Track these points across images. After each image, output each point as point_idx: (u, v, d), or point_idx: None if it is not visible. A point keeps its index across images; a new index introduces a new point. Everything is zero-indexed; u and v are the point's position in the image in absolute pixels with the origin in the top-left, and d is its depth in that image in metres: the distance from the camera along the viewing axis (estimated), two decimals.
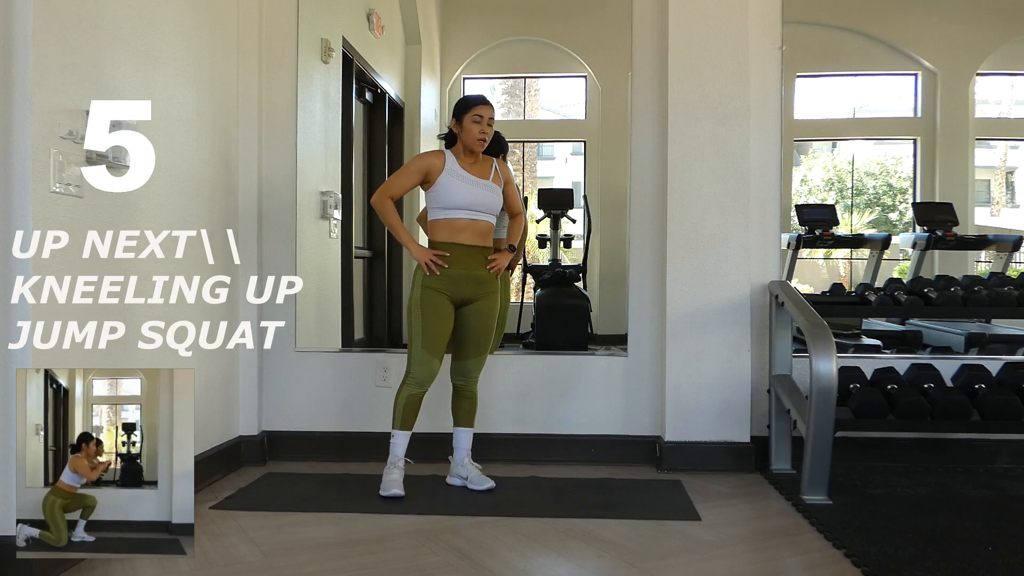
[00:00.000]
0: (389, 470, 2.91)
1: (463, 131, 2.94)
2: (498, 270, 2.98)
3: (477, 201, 2.92)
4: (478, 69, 8.26)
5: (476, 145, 2.94)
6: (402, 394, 2.91)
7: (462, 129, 2.94)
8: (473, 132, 2.92)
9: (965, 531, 2.45)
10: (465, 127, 2.93)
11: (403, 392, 2.91)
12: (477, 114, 2.92)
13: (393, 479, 2.88)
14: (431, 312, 2.88)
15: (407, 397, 2.90)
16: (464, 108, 2.95)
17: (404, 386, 2.91)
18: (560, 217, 6.42)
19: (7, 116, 2.03)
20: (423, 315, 2.88)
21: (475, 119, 2.91)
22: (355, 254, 5.13)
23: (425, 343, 2.88)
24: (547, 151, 13.72)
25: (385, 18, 6.02)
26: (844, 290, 3.66)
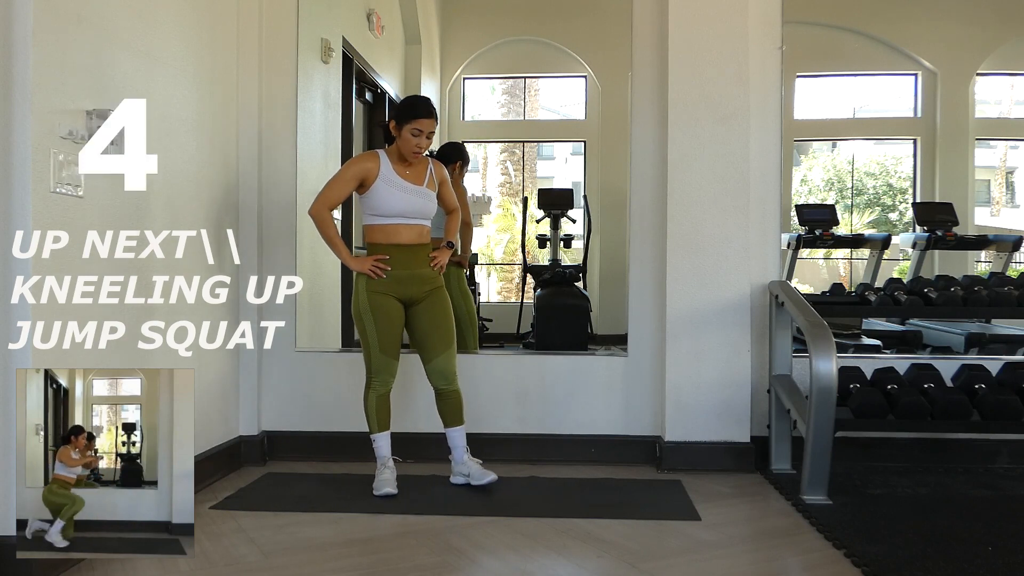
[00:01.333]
0: (380, 471, 2.94)
1: (400, 139, 2.87)
2: (440, 267, 3.00)
3: (410, 209, 2.91)
4: (478, 69, 8.27)
5: (411, 157, 2.91)
6: (370, 399, 2.92)
7: (400, 136, 2.87)
8: (410, 144, 2.86)
9: (965, 531, 2.45)
10: (403, 136, 2.86)
11: (370, 396, 2.92)
12: (417, 127, 2.84)
13: (385, 478, 2.90)
14: (381, 315, 2.88)
15: (376, 400, 2.92)
16: (406, 116, 2.85)
17: (370, 390, 2.92)
18: (560, 217, 6.42)
19: (7, 116, 2.03)
20: (374, 319, 2.88)
21: (414, 132, 2.85)
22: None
23: (382, 347, 2.89)
24: (547, 151, 13.74)
25: (385, 18, 6.02)
26: (844, 290, 3.66)
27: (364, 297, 2.89)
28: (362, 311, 2.90)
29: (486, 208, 8.73)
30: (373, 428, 2.94)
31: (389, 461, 2.95)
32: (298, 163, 3.53)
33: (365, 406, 2.94)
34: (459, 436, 3.01)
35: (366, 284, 2.90)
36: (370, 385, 2.93)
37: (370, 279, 2.89)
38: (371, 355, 2.90)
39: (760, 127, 3.35)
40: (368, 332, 2.89)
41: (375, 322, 2.89)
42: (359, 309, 2.91)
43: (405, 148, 2.89)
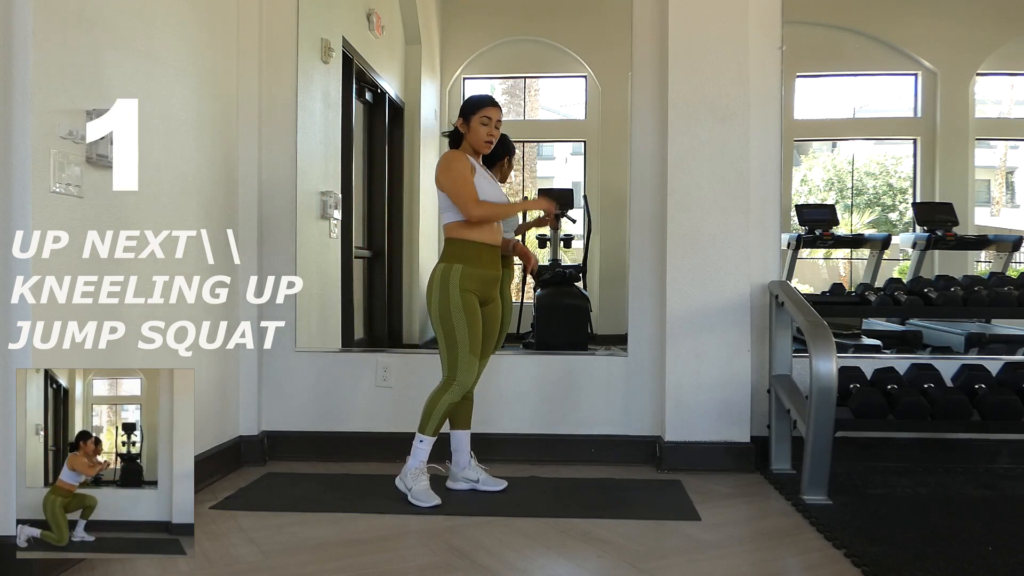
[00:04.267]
0: (418, 478, 2.81)
1: (470, 132, 2.89)
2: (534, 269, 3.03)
3: (500, 202, 2.92)
4: (478, 69, 8.26)
5: (483, 147, 2.91)
6: (443, 401, 2.80)
7: (469, 130, 2.89)
8: (481, 134, 2.88)
9: (965, 531, 2.45)
10: (473, 128, 2.88)
11: (445, 399, 2.80)
12: (486, 116, 2.87)
13: (426, 487, 2.80)
14: (472, 315, 2.80)
15: (449, 405, 2.81)
16: (472, 109, 2.88)
17: (447, 393, 2.80)
18: (560, 217, 6.41)
19: (7, 116, 2.03)
20: (467, 318, 2.78)
21: (483, 121, 2.87)
22: (355, 254, 5.13)
23: (472, 347, 2.79)
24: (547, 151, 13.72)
25: (385, 18, 6.02)
26: (844, 290, 3.66)
27: (458, 295, 2.77)
28: (453, 309, 2.77)
29: None
30: (429, 430, 2.81)
31: (425, 466, 2.84)
32: (298, 163, 3.53)
33: (434, 405, 2.81)
34: (468, 440, 2.97)
35: (460, 281, 2.78)
36: (449, 388, 2.80)
37: (464, 277, 2.78)
38: (459, 355, 2.78)
39: (760, 127, 3.35)
40: (459, 331, 2.77)
41: (467, 321, 2.78)
42: (450, 307, 2.77)
43: (477, 139, 2.89)
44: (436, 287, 2.81)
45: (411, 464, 2.82)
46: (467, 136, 2.90)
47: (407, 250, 6.60)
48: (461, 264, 2.80)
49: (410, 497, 2.78)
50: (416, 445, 2.82)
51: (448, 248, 2.86)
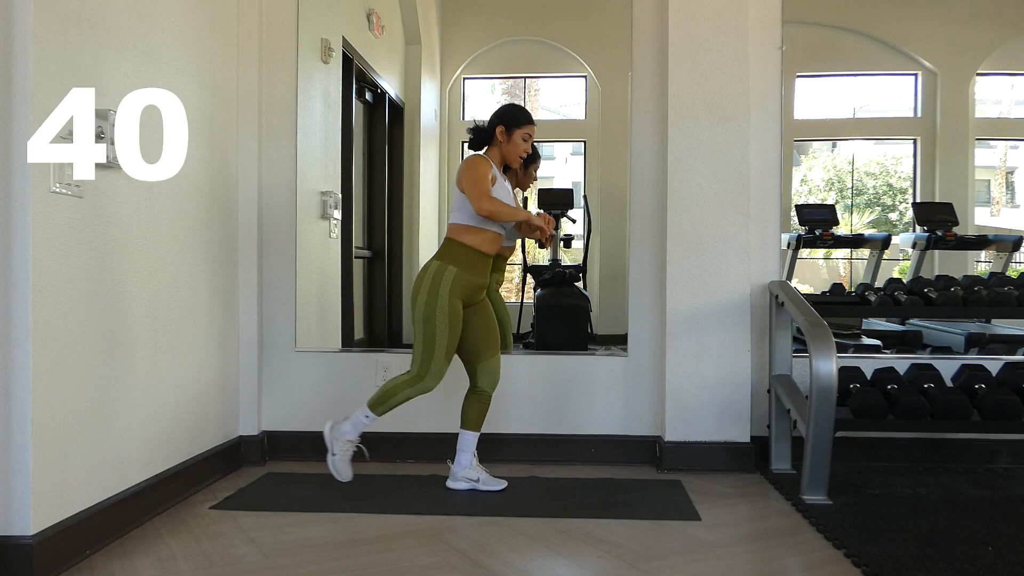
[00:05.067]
0: (346, 448, 2.88)
1: (510, 143, 2.90)
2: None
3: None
4: (478, 69, 8.26)
5: (516, 162, 2.95)
6: (405, 394, 2.84)
7: (509, 140, 2.90)
8: (519, 148, 2.91)
9: (965, 531, 2.45)
10: (514, 141, 2.90)
11: (407, 393, 2.84)
12: (528, 132, 2.91)
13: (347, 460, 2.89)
14: (456, 320, 2.81)
15: (407, 397, 2.86)
16: (518, 122, 2.90)
17: (409, 387, 2.83)
18: (560, 217, 6.42)
19: (7, 116, 2.03)
20: (449, 323, 2.80)
21: (525, 137, 2.91)
22: (355, 254, 5.13)
23: (448, 352, 2.82)
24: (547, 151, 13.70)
25: (385, 18, 6.02)
26: (844, 290, 3.66)
27: (446, 299, 2.79)
28: (439, 313, 2.79)
29: None
30: (379, 411, 2.86)
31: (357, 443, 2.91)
32: (298, 163, 3.53)
33: (394, 393, 2.83)
34: (475, 441, 2.97)
35: (450, 287, 2.79)
36: (413, 383, 2.82)
37: (456, 281, 2.80)
38: (434, 359, 2.80)
39: (760, 127, 3.35)
40: (439, 335, 2.79)
41: (449, 327, 2.80)
42: (436, 310, 2.79)
43: (513, 153, 2.91)
44: (427, 285, 2.81)
45: (346, 430, 2.89)
46: (503, 145, 2.91)
47: (407, 250, 6.60)
48: (456, 268, 2.81)
49: (329, 457, 2.88)
50: (360, 418, 2.87)
51: (447, 248, 2.87)
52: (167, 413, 2.76)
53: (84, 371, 2.27)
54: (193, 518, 2.63)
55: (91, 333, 2.30)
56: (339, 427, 2.91)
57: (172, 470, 2.77)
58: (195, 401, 2.99)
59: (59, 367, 2.15)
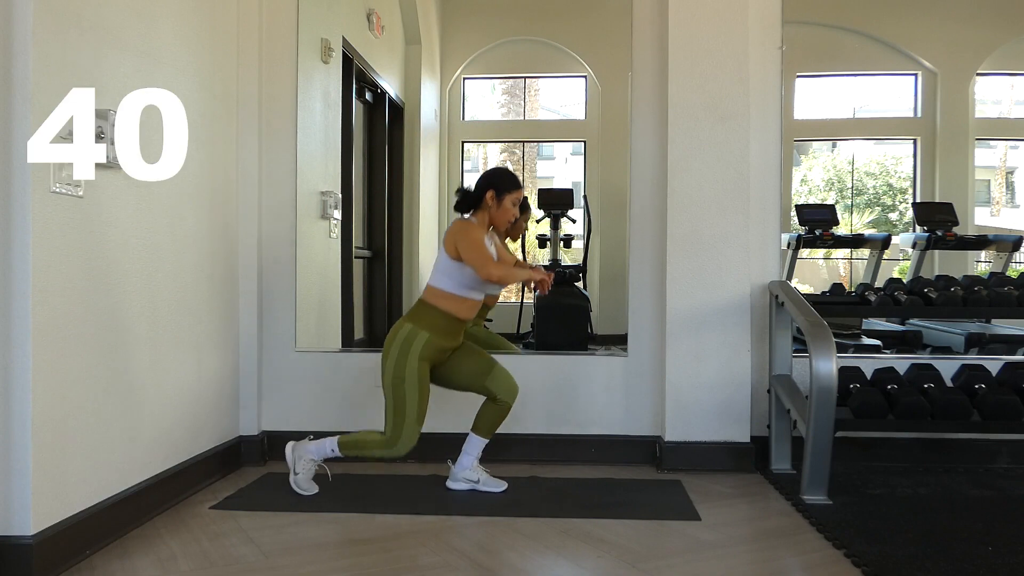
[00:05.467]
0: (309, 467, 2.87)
1: (500, 208, 2.86)
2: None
3: (489, 285, 2.89)
4: (478, 69, 8.27)
5: (504, 227, 2.95)
6: (374, 451, 2.80)
7: (499, 206, 2.86)
8: (509, 214, 2.89)
9: (965, 531, 2.45)
10: (504, 206, 2.86)
11: (376, 452, 2.80)
12: (517, 197, 2.89)
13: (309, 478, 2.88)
14: (424, 384, 2.79)
15: (376, 457, 2.83)
16: (508, 187, 2.87)
17: (380, 449, 2.79)
18: (560, 217, 6.42)
19: (7, 116, 2.03)
20: (419, 388, 2.76)
21: (514, 202, 2.88)
22: (355, 254, 5.13)
23: (419, 416, 2.78)
24: (547, 151, 13.72)
25: (385, 18, 6.02)
26: (844, 290, 3.66)
27: (415, 364, 2.74)
28: (408, 377, 2.74)
29: None
30: (348, 452, 2.82)
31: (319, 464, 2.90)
32: (298, 163, 3.53)
33: (365, 446, 2.80)
34: (481, 447, 2.95)
35: (420, 350, 2.75)
36: (387, 447, 2.78)
37: (427, 346, 2.75)
38: (405, 424, 2.75)
39: (760, 127, 3.35)
40: (408, 401, 2.75)
41: (419, 392, 2.76)
42: (404, 374, 2.74)
43: (502, 218, 2.89)
44: (397, 347, 2.76)
45: (311, 452, 2.87)
46: (492, 210, 2.87)
47: (407, 250, 6.60)
48: (429, 333, 2.77)
49: (292, 478, 2.88)
50: (328, 449, 2.84)
51: (421, 310, 2.82)
52: (167, 413, 2.76)
53: (84, 371, 2.27)
54: (193, 518, 2.63)
55: (91, 333, 2.30)
56: (304, 447, 2.89)
57: (172, 470, 2.77)
58: (195, 401, 2.99)
59: (59, 367, 2.15)
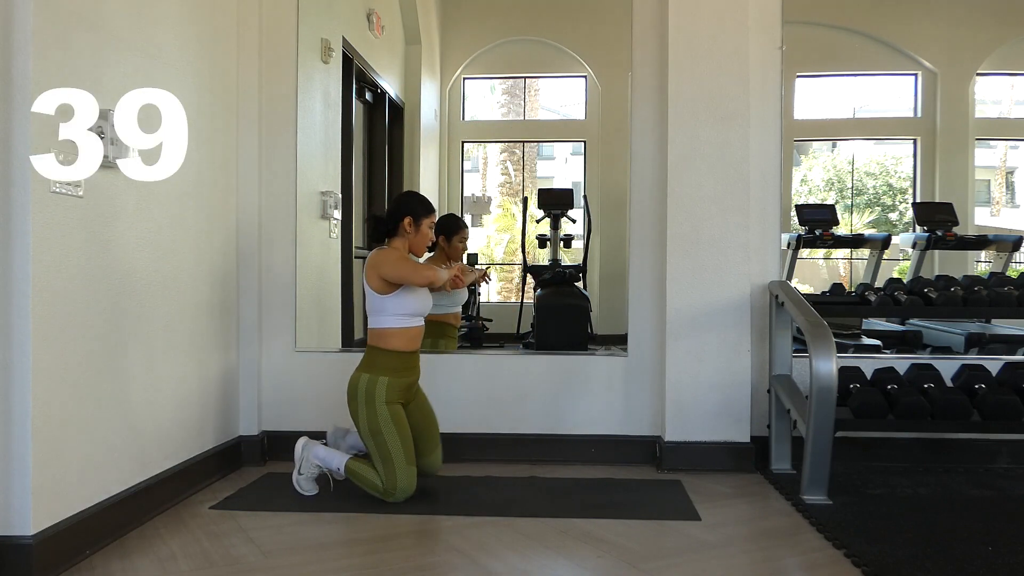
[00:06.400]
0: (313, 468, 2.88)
1: (418, 234, 2.91)
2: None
3: (426, 306, 2.92)
4: (478, 69, 8.27)
5: (422, 252, 2.99)
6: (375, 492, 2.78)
7: (417, 232, 2.90)
8: (427, 238, 2.95)
9: (965, 531, 2.45)
10: (422, 232, 2.92)
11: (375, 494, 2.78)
12: (433, 221, 2.96)
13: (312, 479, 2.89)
14: (401, 424, 2.79)
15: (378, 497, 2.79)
16: (425, 212, 2.92)
17: (385, 496, 2.77)
18: (560, 217, 6.42)
19: (7, 116, 2.03)
20: (397, 430, 2.77)
21: (431, 226, 2.95)
22: (355, 254, 5.13)
23: (407, 457, 2.78)
24: (547, 151, 13.74)
25: (385, 18, 6.02)
26: (844, 290, 3.66)
27: (384, 410, 2.77)
28: (383, 424, 2.75)
29: (486, 208, 8.74)
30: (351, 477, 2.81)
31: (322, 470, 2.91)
32: (298, 163, 3.53)
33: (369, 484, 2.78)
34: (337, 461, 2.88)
35: (385, 395, 2.77)
36: (388, 495, 2.76)
37: (390, 389, 2.78)
38: (396, 470, 2.75)
39: (760, 127, 3.35)
40: (391, 445, 2.75)
41: (397, 432, 2.77)
42: (378, 423, 2.75)
43: (420, 243, 2.94)
44: (362, 401, 2.78)
45: (321, 459, 2.88)
46: (411, 236, 2.90)
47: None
48: (387, 376, 2.79)
49: (295, 475, 2.89)
50: (335, 463, 2.85)
51: (372, 358, 2.84)
52: (167, 413, 2.76)
53: (84, 371, 2.27)
54: (193, 518, 2.63)
55: (91, 333, 2.30)
56: (314, 450, 2.89)
57: (172, 470, 2.77)
58: (195, 401, 2.99)
59: (59, 367, 2.15)
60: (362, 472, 2.81)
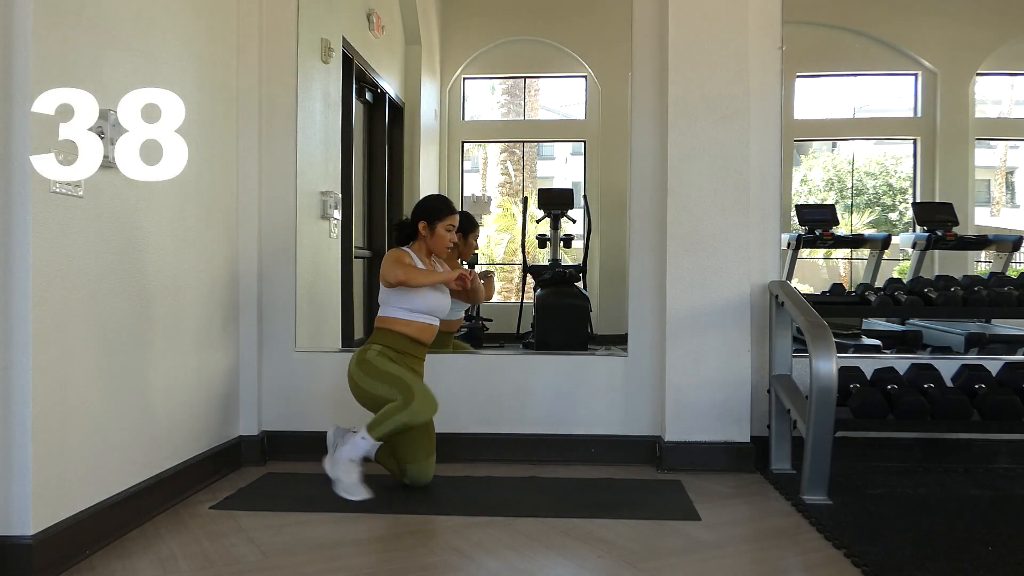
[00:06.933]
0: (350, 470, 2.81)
1: (434, 237, 3.00)
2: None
3: (437, 307, 2.98)
4: (478, 69, 8.27)
5: (444, 253, 3.05)
6: (399, 419, 2.77)
7: (433, 234, 2.99)
8: (445, 240, 3.01)
9: (965, 531, 2.45)
10: (438, 234, 2.99)
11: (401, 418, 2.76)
12: (451, 223, 3.00)
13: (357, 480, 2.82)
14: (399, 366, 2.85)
15: (403, 425, 2.78)
16: (438, 215, 2.99)
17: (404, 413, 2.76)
18: (560, 217, 6.42)
19: (7, 116, 2.02)
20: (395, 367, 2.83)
21: (448, 228, 3.00)
22: (355, 254, 5.13)
23: (413, 382, 2.82)
24: (547, 151, 13.74)
25: (385, 18, 6.02)
26: (844, 290, 3.66)
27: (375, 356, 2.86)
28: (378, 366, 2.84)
29: (486, 208, 8.73)
30: (376, 434, 2.78)
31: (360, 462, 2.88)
32: (298, 163, 3.53)
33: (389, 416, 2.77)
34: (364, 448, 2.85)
35: (378, 355, 2.88)
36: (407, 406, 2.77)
37: (381, 353, 2.87)
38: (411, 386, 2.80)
39: (760, 127, 3.35)
40: (396, 372, 2.83)
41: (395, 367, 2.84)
42: (371, 367, 2.84)
43: (439, 245, 3.00)
44: (354, 361, 2.89)
45: (345, 454, 2.84)
46: (428, 239, 3.00)
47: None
48: (381, 346, 2.89)
49: (338, 488, 2.81)
50: (358, 440, 2.82)
51: (376, 335, 2.95)
52: (167, 413, 2.76)
53: (84, 371, 2.27)
54: (193, 518, 2.63)
55: (91, 333, 2.30)
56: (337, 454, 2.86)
57: (172, 470, 2.77)
58: (195, 401, 2.99)
59: (59, 367, 2.15)
60: (379, 416, 2.79)
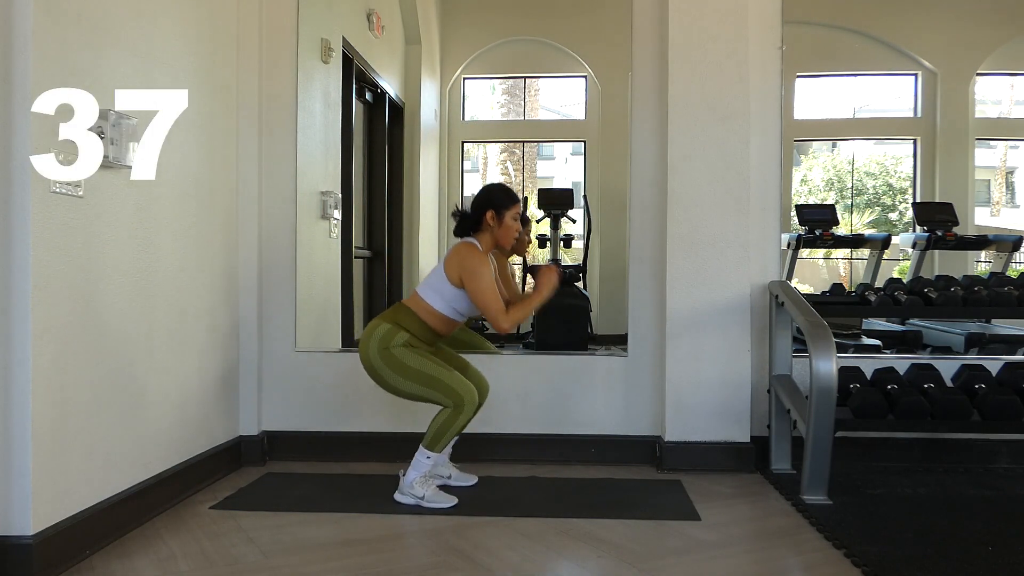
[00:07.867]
0: (426, 484, 2.75)
1: (502, 227, 2.81)
2: None
3: (473, 312, 2.88)
4: (478, 69, 8.27)
5: (510, 244, 2.87)
6: (458, 423, 2.72)
7: (500, 224, 2.81)
8: (512, 230, 2.83)
9: (965, 531, 2.45)
10: (505, 224, 2.81)
11: (459, 421, 2.71)
12: (517, 212, 2.84)
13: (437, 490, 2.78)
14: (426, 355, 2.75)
15: (463, 426, 2.74)
16: (507, 204, 2.82)
17: (461, 415, 2.70)
18: (560, 217, 6.42)
19: (7, 116, 2.02)
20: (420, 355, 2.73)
21: (515, 217, 2.83)
22: (355, 254, 5.13)
23: (443, 372, 2.72)
24: (547, 151, 13.74)
25: (385, 18, 6.02)
26: (844, 290, 3.66)
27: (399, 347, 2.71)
28: (404, 358, 2.71)
29: None
30: (438, 448, 2.74)
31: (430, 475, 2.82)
32: (298, 163, 3.53)
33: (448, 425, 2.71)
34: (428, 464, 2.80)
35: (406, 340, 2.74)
36: (459, 409, 2.69)
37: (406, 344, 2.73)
38: (447, 383, 2.70)
39: (760, 127, 3.35)
40: (425, 368, 2.71)
41: (425, 356, 2.74)
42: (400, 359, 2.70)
43: (507, 236, 2.83)
44: (376, 348, 2.72)
45: (412, 476, 2.76)
46: (495, 230, 2.83)
47: (407, 250, 6.60)
48: (408, 334, 2.76)
49: (425, 503, 2.74)
50: (421, 459, 2.76)
51: (401, 313, 2.80)
52: (167, 413, 2.76)
53: (84, 371, 2.27)
54: (193, 518, 2.63)
55: (91, 333, 2.30)
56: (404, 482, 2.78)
57: (172, 470, 2.77)
58: (195, 401, 2.99)
59: (59, 367, 2.15)
60: (436, 430, 2.72)
